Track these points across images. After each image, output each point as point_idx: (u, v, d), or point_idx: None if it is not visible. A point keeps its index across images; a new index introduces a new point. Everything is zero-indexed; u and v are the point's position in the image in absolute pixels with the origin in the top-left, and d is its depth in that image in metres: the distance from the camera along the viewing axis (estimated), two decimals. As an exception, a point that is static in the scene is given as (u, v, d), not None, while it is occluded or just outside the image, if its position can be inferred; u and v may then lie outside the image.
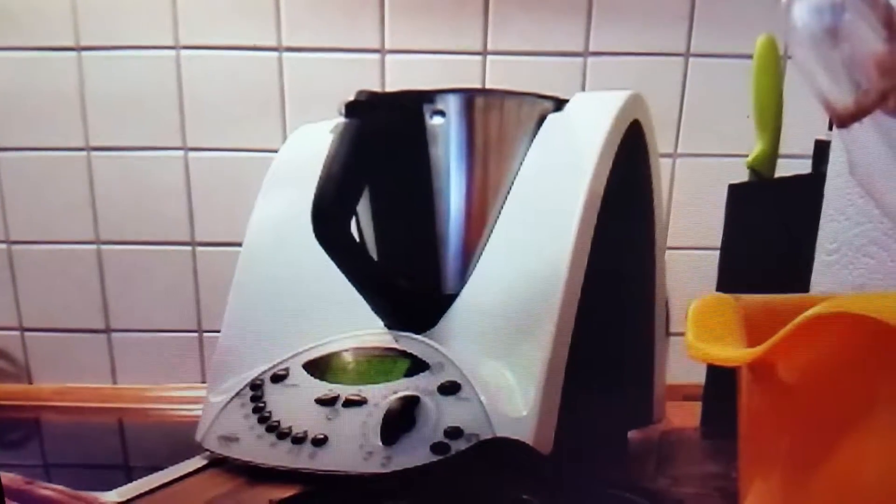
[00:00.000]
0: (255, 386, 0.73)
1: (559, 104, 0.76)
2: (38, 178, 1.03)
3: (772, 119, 0.81)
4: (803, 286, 0.68)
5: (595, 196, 0.69)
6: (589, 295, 0.68)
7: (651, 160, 0.78)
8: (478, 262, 0.72)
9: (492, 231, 0.73)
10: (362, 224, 0.78)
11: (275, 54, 1.00)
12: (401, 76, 0.99)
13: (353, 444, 0.67)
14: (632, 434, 0.80)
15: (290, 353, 0.74)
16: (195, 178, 1.03)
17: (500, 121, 0.75)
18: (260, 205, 0.82)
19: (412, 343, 0.71)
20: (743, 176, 0.82)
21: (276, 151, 0.85)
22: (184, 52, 1.00)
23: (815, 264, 0.68)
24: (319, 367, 0.72)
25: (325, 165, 0.69)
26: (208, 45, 1.00)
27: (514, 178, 0.73)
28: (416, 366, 0.69)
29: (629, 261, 0.77)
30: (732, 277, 0.79)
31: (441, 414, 0.66)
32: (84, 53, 1.00)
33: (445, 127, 0.74)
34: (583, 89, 1.00)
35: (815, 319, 0.35)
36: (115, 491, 0.65)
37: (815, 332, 0.35)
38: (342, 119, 0.71)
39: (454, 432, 0.65)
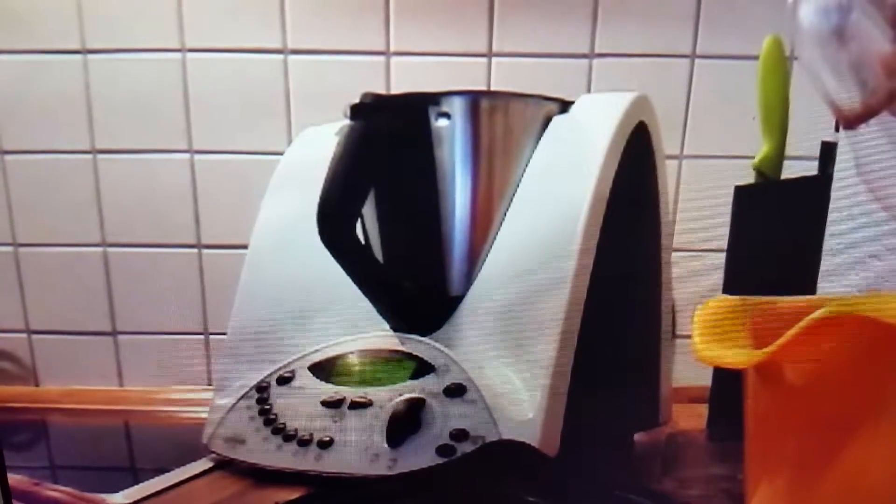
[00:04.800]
0: (262, 388, 0.73)
1: (564, 106, 0.76)
2: (43, 180, 1.03)
3: (778, 120, 0.81)
4: (810, 288, 0.68)
5: (601, 198, 0.69)
6: (595, 297, 0.68)
7: (657, 162, 0.78)
8: (483, 264, 0.72)
9: (497, 233, 0.73)
10: (368, 226, 0.78)
11: (280, 56, 1.00)
12: (406, 78, 0.99)
13: (359, 447, 0.67)
14: (638, 436, 0.80)
15: (296, 356, 0.74)
16: (201, 181, 1.03)
17: (505, 123, 0.75)
18: (265, 207, 0.82)
19: (418, 345, 0.71)
20: (749, 177, 0.82)
21: (281, 154, 0.86)
22: (189, 55, 1.00)
23: (822, 266, 0.68)
24: (325, 370, 0.72)
25: (330, 168, 0.69)
26: (213, 48, 1.00)
27: (520, 180, 0.73)
28: (422, 368, 0.69)
29: (635, 263, 0.77)
30: (739, 279, 0.79)
31: (447, 416, 0.66)
32: (90, 56, 1.00)
33: (451, 129, 0.73)
34: (588, 91, 0.99)
35: (822, 321, 0.35)
36: (121, 493, 0.65)
37: (821, 334, 0.35)
38: (347, 121, 0.71)
39: (460, 435, 0.65)
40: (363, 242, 0.76)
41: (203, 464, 0.73)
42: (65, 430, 0.99)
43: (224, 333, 0.79)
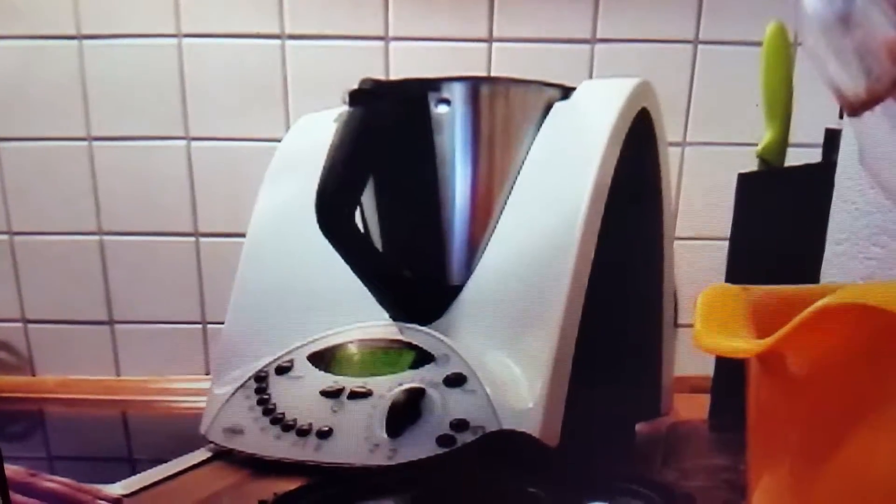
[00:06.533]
0: (260, 378, 0.73)
1: (566, 92, 0.76)
2: (39, 168, 1.03)
3: (781, 107, 0.80)
4: (813, 276, 0.68)
5: (602, 186, 0.69)
6: (596, 286, 0.67)
7: (659, 149, 0.78)
8: (483, 252, 0.72)
9: (497, 221, 0.72)
10: (367, 214, 0.77)
11: (277, 42, 0.99)
12: (405, 64, 0.99)
13: (359, 437, 0.67)
14: (639, 426, 0.80)
15: (295, 345, 0.73)
16: (198, 168, 1.03)
17: (506, 109, 0.74)
18: (263, 195, 0.82)
19: (417, 335, 0.71)
20: (752, 165, 0.82)
21: (279, 141, 0.85)
22: (186, 41, 1.00)
23: (825, 254, 0.67)
24: (324, 359, 0.72)
25: (328, 155, 0.69)
26: (210, 33, 1.00)
27: (521, 167, 0.73)
28: (422, 357, 0.69)
29: (637, 251, 0.77)
30: (741, 268, 0.79)
31: (447, 406, 0.66)
32: (85, 42, 1.00)
33: (451, 115, 0.73)
34: (590, 77, 0.99)
35: (825, 310, 0.34)
36: (119, 483, 0.65)
37: (824, 324, 0.35)
38: (346, 108, 0.70)
39: (460, 424, 0.65)
40: (362, 231, 0.76)
41: (201, 454, 0.73)
42: (61, 420, 0.99)
43: (222, 323, 0.79)
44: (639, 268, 0.77)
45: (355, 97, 0.70)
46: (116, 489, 0.64)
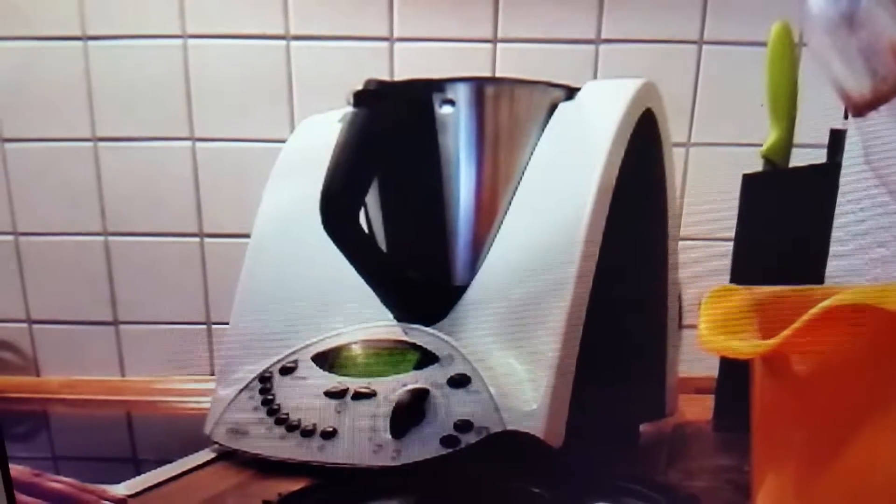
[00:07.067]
0: (264, 378, 0.73)
1: (570, 92, 0.76)
2: (44, 169, 1.03)
3: (786, 108, 0.80)
4: (818, 277, 0.68)
5: (607, 186, 0.68)
6: (601, 286, 0.67)
7: (664, 149, 0.78)
8: (488, 253, 0.72)
9: (502, 222, 0.72)
10: (371, 215, 0.77)
11: (282, 43, 0.99)
12: (410, 64, 0.99)
13: (363, 437, 0.67)
14: (643, 427, 0.79)
15: (299, 346, 0.73)
16: (203, 169, 1.03)
17: (510, 109, 0.74)
18: (268, 196, 0.82)
19: (422, 335, 0.71)
20: (757, 165, 0.82)
21: (284, 141, 0.85)
22: (191, 41, 1.00)
23: (830, 255, 0.67)
24: (328, 360, 0.72)
25: (333, 156, 0.69)
26: (215, 34, 1.00)
27: (525, 167, 0.73)
28: (426, 358, 0.69)
29: (641, 252, 0.77)
30: (746, 268, 0.79)
31: (451, 407, 0.66)
32: (90, 43, 1.00)
33: (455, 116, 0.73)
34: (595, 77, 0.99)
35: (830, 311, 0.34)
36: (123, 484, 0.65)
37: (829, 325, 0.35)
38: (351, 108, 0.70)
39: (464, 425, 0.65)
40: (367, 232, 0.76)
41: (205, 454, 0.73)
42: (66, 421, 0.99)
43: (226, 323, 0.79)
44: (643, 268, 0.77)
45: (360, 98, 0.70)
46: (121, 489, 0.64)
